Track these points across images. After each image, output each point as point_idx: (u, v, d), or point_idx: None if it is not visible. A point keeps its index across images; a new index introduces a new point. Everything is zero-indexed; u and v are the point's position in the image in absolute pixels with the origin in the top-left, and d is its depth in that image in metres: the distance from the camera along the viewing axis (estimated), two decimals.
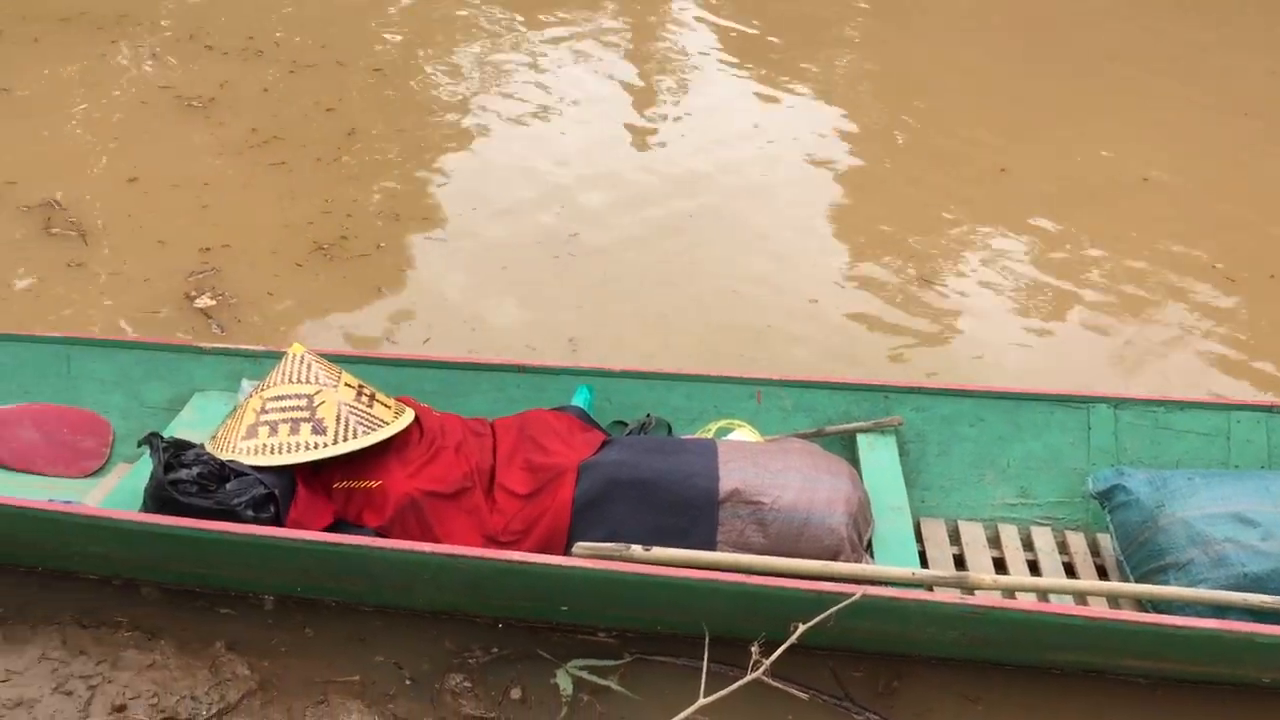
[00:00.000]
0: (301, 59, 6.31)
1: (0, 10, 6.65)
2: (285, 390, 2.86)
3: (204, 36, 6.52)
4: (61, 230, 4.53)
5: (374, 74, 6.26)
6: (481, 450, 2.94)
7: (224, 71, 6.10)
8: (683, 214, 4.99)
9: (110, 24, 6.65)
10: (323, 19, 7.00)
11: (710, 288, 4.43)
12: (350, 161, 5.26)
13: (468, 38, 6.92)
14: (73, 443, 3.27)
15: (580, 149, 5.55)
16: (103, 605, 2.78)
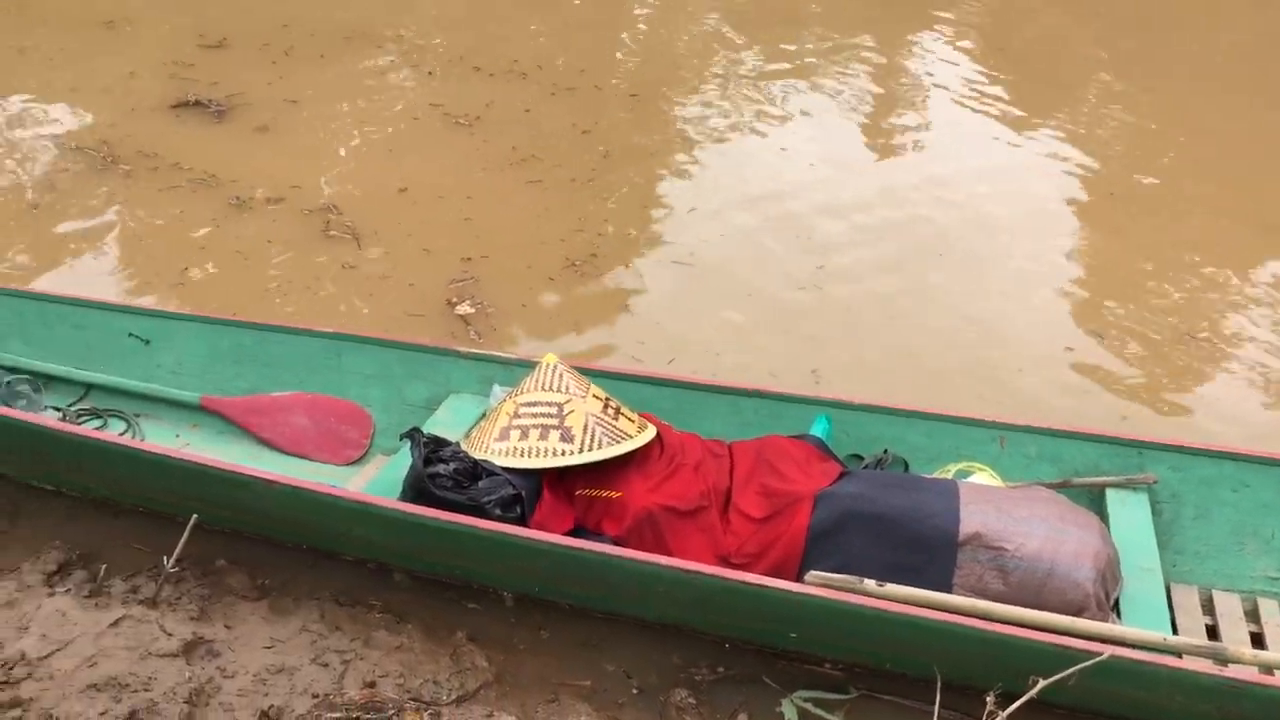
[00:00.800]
0: (562, 82, 6.57)
1: (292, 28, 7.21)
2: (538, 397, 2.98)
3: (473, 59, 6.88)
4: (338, 233, 4.86)
5: (629, 99, 6.46)
6: (719, 471, 2.99)
7: (490, 92, 6.42)
8: (927, 250, 4.94)
9: (388, 44, 7.11)
10: (584, 46, 7.29)
11: (954, 325, 4.37)
12: (603, 182, 5.44)
13: (717, 68, 7.05)
14: (338, 432, 3.51)
15: (824, 180, 5.56)
16: (358, 586, 2.96)
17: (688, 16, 8.18)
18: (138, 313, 3.68)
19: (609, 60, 7.15)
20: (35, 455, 3.18)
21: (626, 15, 8.25)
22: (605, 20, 8.00)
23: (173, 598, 2.82)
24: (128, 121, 5.82)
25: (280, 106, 6.10)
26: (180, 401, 3.58)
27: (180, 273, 4.52)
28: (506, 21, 7.70)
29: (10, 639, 2.58)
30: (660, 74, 6.93)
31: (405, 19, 7.66)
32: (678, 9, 8.37)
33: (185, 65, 6.55)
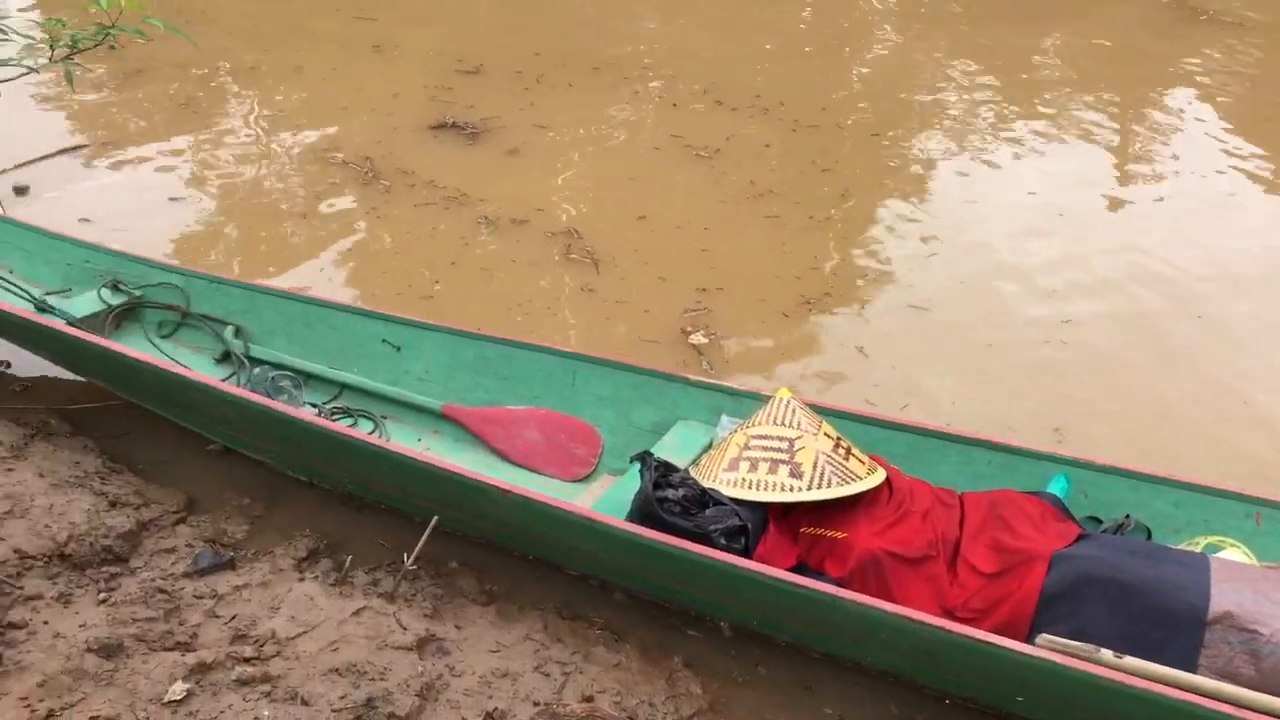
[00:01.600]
0: (803, 119, 6.59)
1: (543, 57, 7.51)
2: (769, 431, 2.99)
3: (716, 92, 6.99)
4: (578, 257, 5.01)
5: (870, 138, 6.43)
6: (948, 521, 2.92)
7: (731, 126, 6.50)
8: (1179, 309, 4.71)
9: (634, 75, 7.30)
10: (826, 84, 7.30)
11: (1207, 391, 4.15)
12: (841, 221, 5.42)
13: (958, 111, 6.93)
14: (568, 449, 3.61)
15: (1069, 231, 5.39)
16: (580, 601, 3.04)
17: (929, 59, 8.08)
18: (391, 320, 3.89)
19: (851, 99, 7.13)
20: (293, 446, 3.40)
21: (870, 55, 8.21)
22: (847, 60, 8.00)
23: (409, 594, 2.96)
24: (390, 139, 6.18)
25: (530, 131, 6.35)
26: (424, 407, 3.76)
27: (431, 285, 4.75)
28: (750, 58, 7.79)
29: (263, 617, 2.76)
30: (901, 115, 6.86)
31: (651, 51, 7.86)
32: (920, 51, 8.28)
33: (444, 89, 6.91)
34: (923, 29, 8.75)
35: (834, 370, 4.28)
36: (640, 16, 8.78)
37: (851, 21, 8.95)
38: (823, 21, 8.95)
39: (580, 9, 8.83)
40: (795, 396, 3.11)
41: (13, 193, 5.36)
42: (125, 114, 6.51)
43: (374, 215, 5.35)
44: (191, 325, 4.01)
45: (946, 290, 4.83)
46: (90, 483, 3.23)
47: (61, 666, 2.49)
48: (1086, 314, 4.66)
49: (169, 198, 5.51)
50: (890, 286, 4.88)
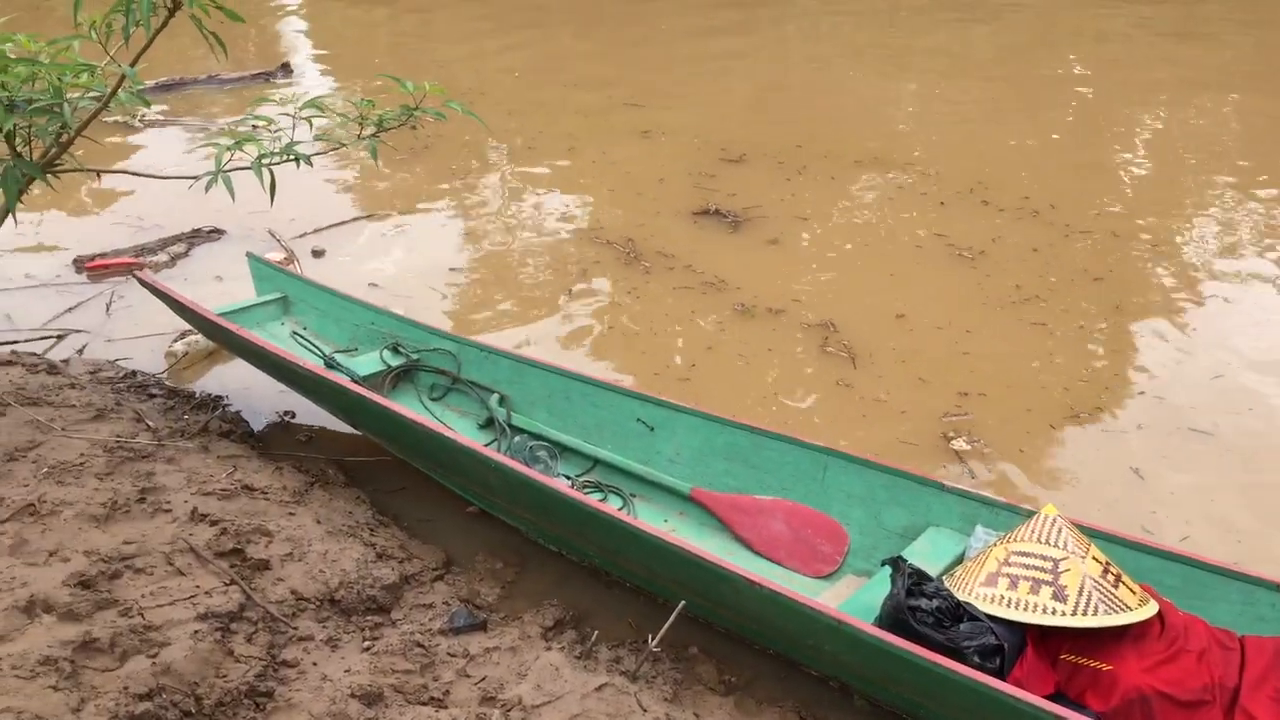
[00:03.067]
0: (1075, 224, 6.38)
1: (805, 148, 7.60)
2: (1032, 548, 2.87)
3: (982, 192, 6.88)
4: (835, 350, 4.99)
5: (1150, 248, 6.15)
6: (1227, 665, 2.71)
7: (997, 227, 6.37)
8: None
9: (897, 169, 7.28)
10: (1102, 185, 7.06)
11: None
12: (1113, 333, 5.19)
13: (1236, 220, 6.54)
14: (814, 544, 3.57)
15: None
16: (820, 703, 2.98)
17: (1207, 160, 7.68)
18: (647, 400, 3.97)
19: (1126, 207, 6.85)
20: (545, 515, 3.51)
21: (1143, 158, 7.89)
22: (1123, 160, 7.71)
23: (650, 675, 2.98)
24: (653, 223, 6.38)
25: (790, 222, 6.41)
26: (672, 488, 3.81)
27: (689, 368, 4.84)
28: (1019, 155, 7.64)
29: (511, 682, 2.84)
30: (1181, 223, 6.54)
31: (916, 146, 7.83)
32: (1193, 153, 7.89)
33: (707, 176, 7.09)
34: (1200, 123, 8.34)
35: (1106, 492, 4.06)
36: (903, 108, 8.76)
37: (1125, 117, 8.63)
38: (1095, 112, 8.66)
39: (840, 100, 8.90)
40: (1062, 515, 2.97)
41: (311, 255, 5.83)
42: (412, 187, 6.99)
43: (633, 295, 5.51)
44: (461, 390, 4.22)
45: (1232, 416, 4.52)
46: (361, 533, 3.42)
47: (326, 709, 2.63)
48: None
49: (449, 268, 5.86)
50: (1168, 406, 4.61)
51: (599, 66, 10.20)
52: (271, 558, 3.12)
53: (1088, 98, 9.18)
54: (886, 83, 9.80)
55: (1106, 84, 9.75)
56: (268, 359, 3.94)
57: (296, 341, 4.28)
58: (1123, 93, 9.40)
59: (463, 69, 9.92)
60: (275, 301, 4.56)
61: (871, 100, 8.91)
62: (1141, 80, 9.96)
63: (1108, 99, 9.08)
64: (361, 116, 4.23)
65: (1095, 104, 8.94)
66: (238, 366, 4.64)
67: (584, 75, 9.49)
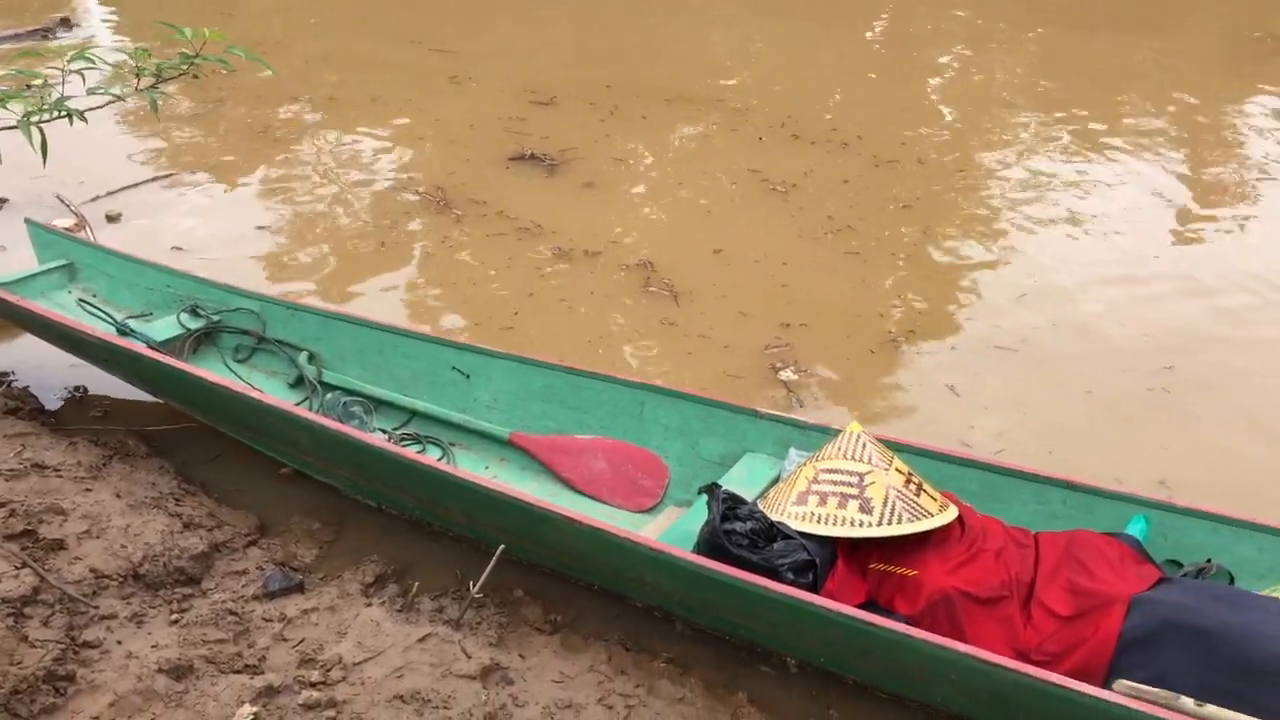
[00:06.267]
0: (883, 154, 6.56)
1: (615, 89, 7.57)
2: (839, 465, 2.95)
3: (792, 126, 6.99)
4: (656, 289, 5.01)
5: (955, 174, 6.36)
6: (1023, 561, 2.86)
7: (808, 160, 6.49)
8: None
9: (707, 107, 7.33)
10: (907, 116, 7.25)
11: None
12: (924, 258, 5.37)
13: (1043, 142, 6.85)
14: (635, 479, 3.60)
15: (1169, 268, 5.33)
16: (645, 633, 3.02)
17: (1011, 87, 8.00)
18: (461, 348, 3.91)
19: (931, 135, 7.07)
20: (362, 471, 3.43)
21: (946, 87, 8.15)
22: (925, 90, 7.94)
23: (474, 622, 2.96)
24: (465, 170, 6.27)
25: (605, 163, 6.39)
26: (491, 434, 3.78)
27: (511, 316, 4.78)
28: (827, 89, 7.78)
29: (330, 642, 2.78)
30: (985, 149, 6.79)
31: (724, 83, 7.88)
32: (998, 80, 8.20)
33: (519, 120, 7.00)
34: (1000, 55, 8.65)
35: (926, 409, 4.21)
36: (713, 48, 8.81)
37: (926, 50, 8.88)
38: (897, 49, 8.89)
39: (652, 42, 8.89)
40: (865, 431, 3.06)
41: (105, 220, 5.51)
42: (210, 143, 6.68)
43: (448, 245, 5.41)
44: (267, 350, 4.08)
45: (1037, 332, 4.74)
46: (165, 504, 3.28)
47: (133, 686, 2.52)
48: (1185, 356, 4.54)
49: (255, 226, 5.64)
50: (978, 326, 4.80)
51: (407, 15, 9.91)
52: (67, 536, 2.96)
53: (894, 33, 9.41)
54: (696, 24, 9.83)
55: (912, 19, 10.03)
56: (53, 329, 3.72)
57: (85, 310, 4.05)
58: (929, 29, 9.67)
59: (267, 21, 9.49)
60: (59, 269, 4.30)
61: (682, 41, 8.92)
62: (947, 17, 10.26)
63: (914, 34, 9.33)
64: (138, 67, 4.01)
65: (901, 40, 9.18)
66: (25, 342, 4.36)
67: (391, 25, 9.21)
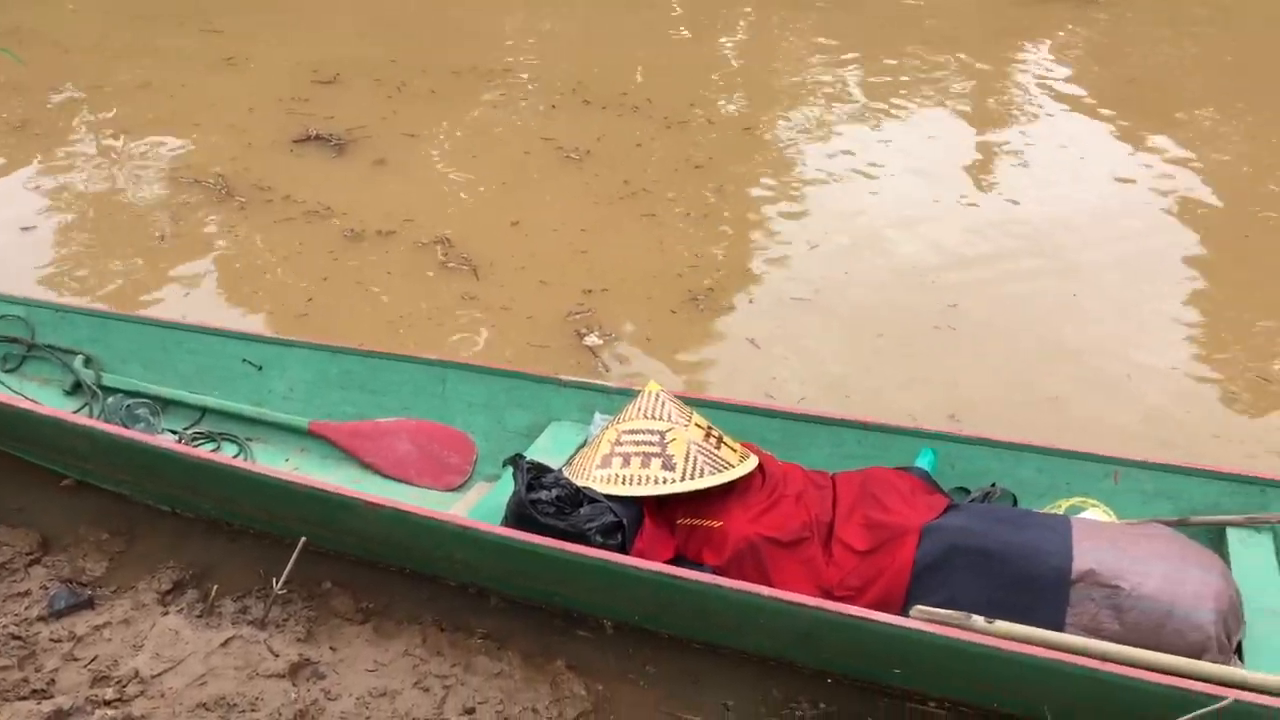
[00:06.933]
0: (673, 116, 6.60)
1: (400, 64, 7.40)
2: (640, 425, 2.98)
3: (583, 92, 6.98)
4: (455, 265, 4.93)
5: (742, 132, 6.47)
6: (822, 502, 2.95)
7: (600, 126, 6.49)
8: (1059, 284, 4.83)
9: (497, 78, 7.24)
10: (695, 79, 7.32)
11: (1089, 363, 4.24)
12: (718, 217, 5.44)
13: (829, 98, 7.02)
14: (442, 458, 3.55)
15: (951, 213, 5.48)
16: (460, 611, 2.98)
17: (795, 45, 8.19)
18: (251, 339, 3.78)
19: (719, 94, 7.17)
20: (153, 476, 3.28)
21: (734, 47, 8.27)
22: (713, 52, 8.05)
23: (280, 619, 2.87)
24: (246, 155, 6.02)
25: (395, 140, 6.25)
26: (289, 426, 3.66)
27: (305, 303, 4.63)
28: (615, 55, 7.78)
29: (125, 656, 2.66)
30: (771, 105, 6.92)
31: (511, 53, 7.81)
32: (782, 39, 8.38)
33: (301, 100, 6.77)
34: (788, 16, 8.83)
35: (730, 364, 4.28)
36: (498, 19, 8.71)
37: (718, 14, 8.99)
38: (690, 17, 8.97)
39: (438, 16, 8.71)
40: (665, 389, 3.10)
41: None
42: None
43: (232, 235, 5.20)
44: (39, 357, 3.84)
45: (830, 281, 4.87)
46: None
47: None
48: (968, 295, 4.73)
49: (20, 227, 5.29)
50: (775, 279, 4.90)
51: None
52: None
53: (689, 4, 9.45)
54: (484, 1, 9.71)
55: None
56: None
57: None
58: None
59: (16, 8, 8.87)
60: None
61: (469, 17, 8.77)
62: None
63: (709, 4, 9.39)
64: None
65: (695, 7, 9.23)
66: None
67: (157, 5, 8.73)
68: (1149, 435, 3.80)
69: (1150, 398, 4.02)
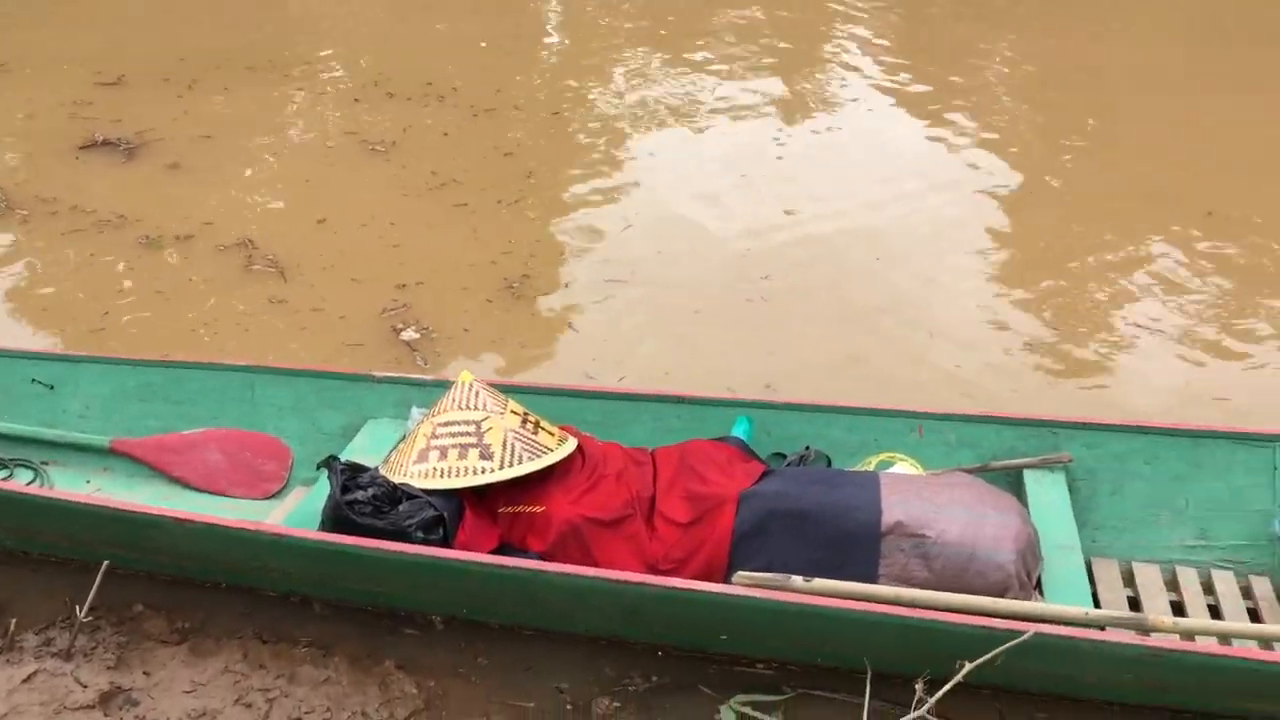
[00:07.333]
0: (480, 104, 6.54)
1: (189, 61, 7.10)
2: (455, 416, 2.95)
3: (386, 83, 6.84)
4: (261, 268, 4.78)
5: (550, 117, 6.46)
6: (642, 479, 2.98)
7: (406, 117, 6.38)
8: (864, 250, 4.99)
9: (293, 72, 7.04)
10: (500, 66, 7.26)
11: (894, 324, 4.41)
12: (530, 203, 5.42)
13: (635, 80, 7.08)
14: (255, 466, 3.44)
15: (756, 189, 5.60)
16: (282, 621, 2.90)
17: (600, 28, 8.20)
18: (40, 358, 3.58)
19: (526, 79, 7.14)
20: None
21: (538, 31, 8.24)
22: (518, 36, 7.99)
23: (88, 648, 2.74)
24: (27, 166, 5.70)
25: (190, 142, 6.00)
26: (89, 446, 3.48)
27: (101, 316, 4.41)
28: (416, 44, 7.66)
29: None
30: (579, 90, 6.92)
31: (307, 46, 7.60)
32: (589, 23, 8.38)
33: (84, 104, 6.43)
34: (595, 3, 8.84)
35: (550, 350, 4.28)
36: (290, 10, 8.46)
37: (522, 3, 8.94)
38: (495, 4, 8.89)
39: (225, 7, 8.38)
40: (479, 379, 3.07)
41: None
42: None
43: (14, 250, 4.91)
44: None
45: (645, 260, 4.90)
46: None
47: None
48: (780, 266, 4.83)
49: None
50: (590, 262, 4.91)
51: None
52: None
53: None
54: None
55: None
56: None
57: None
58: None
59: None
60: None
61: (259, 7, 8.48)
62: None
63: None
64: None
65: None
66: None
67: None
68: (951, 388, 3.97)
69: (951, 353, 4.20)
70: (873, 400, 3.31)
